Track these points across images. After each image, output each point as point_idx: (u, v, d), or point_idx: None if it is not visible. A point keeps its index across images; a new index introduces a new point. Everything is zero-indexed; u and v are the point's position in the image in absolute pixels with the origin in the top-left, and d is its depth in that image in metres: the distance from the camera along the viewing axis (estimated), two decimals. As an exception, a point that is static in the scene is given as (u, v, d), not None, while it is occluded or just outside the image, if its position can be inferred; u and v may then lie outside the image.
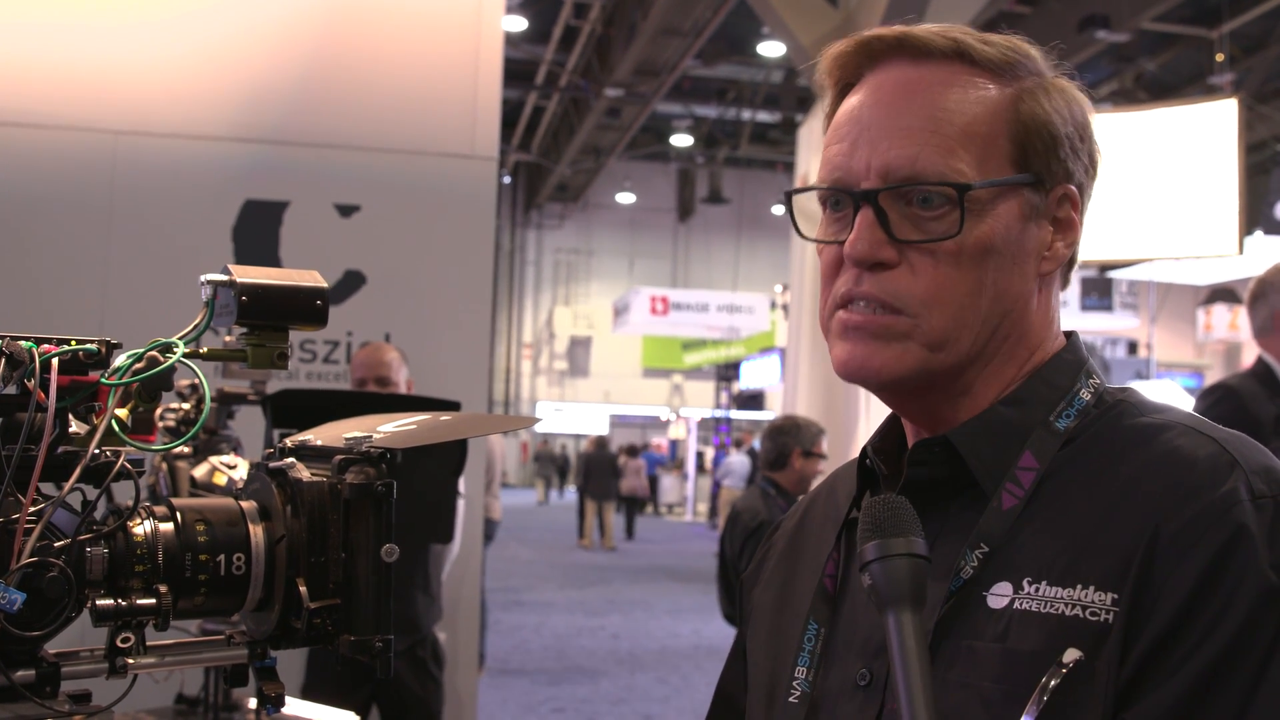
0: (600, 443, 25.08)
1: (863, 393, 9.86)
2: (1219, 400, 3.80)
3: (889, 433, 1.30)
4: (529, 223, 39.23)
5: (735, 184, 35.30)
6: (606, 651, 11.40)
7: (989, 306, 1.17)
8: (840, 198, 1.19)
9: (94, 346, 0.99)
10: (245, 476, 2.16)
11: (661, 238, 38.98)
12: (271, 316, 1.03)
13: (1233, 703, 0.99)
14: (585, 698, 9.35)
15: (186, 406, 2.43)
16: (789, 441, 5.38)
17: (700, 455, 32.13)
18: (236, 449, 2.55)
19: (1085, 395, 1.21)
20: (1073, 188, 1.21)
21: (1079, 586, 1.07)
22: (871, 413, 9.76)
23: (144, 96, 4.96)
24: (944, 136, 1.15)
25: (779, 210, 33.57)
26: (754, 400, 33.54)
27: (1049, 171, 1.19)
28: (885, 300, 1.16)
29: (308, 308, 1.04)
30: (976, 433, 1.18)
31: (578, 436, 35.94)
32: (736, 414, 33.58)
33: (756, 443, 22.94)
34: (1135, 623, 1.03)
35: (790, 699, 1.24)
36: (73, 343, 0.98)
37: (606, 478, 22.54)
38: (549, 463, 36.25)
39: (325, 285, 1.06)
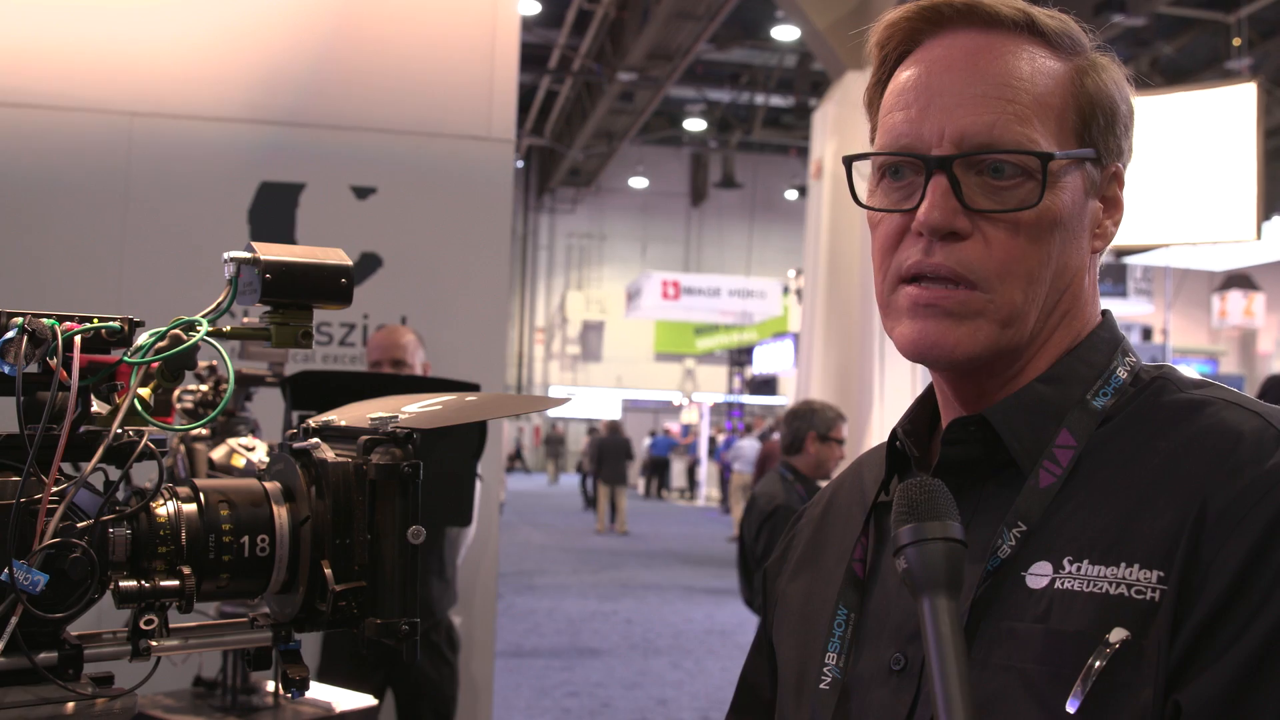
0: (613, 427, 25.09)
1: (876, 378, 9.90)
2: None
3: (919, 415, 1.28)
4: (541, 207, 39.21)
5: (748, 168, 35.23)
6: (620, 635, 11.41)
7: (1053, 281, 1.16)
8: (905, 165, 1.16)
9: (117, 324, 0.97)
10: (263, 459, 2.15)
11: (674, 222, 38.93)
12: (296, 295, 1.02)
13: None
14: (599, 681, 9.36)
15: (204, 388, 2.42)
16: (803, 426, 5.37)
17: (712, 440, 32.15)
18: (254, 431, 2.54)
19: (1122, 374, 1.20)
20: (1121, 166, 1.21)
21: (1123, 565, 1.04)
22: (885, 398, 9.73)
23: (160, 78, 4.95)
24: (1020, 105, 1.13)
25: (792, 195, 33.49)
26: (767, 385, 33.50)
27: (1107, 148, 1.18)
28: (958, 272, 1.12)
29: (332, 286, 1.03)
30: (1013, 411, 1.16)
31: (590, 420, 36.08)
32: (749, 399, 33.51)
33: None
34: (1184, 601, 1.00)
35: (821, 685, 1.22)
36: (95, 320, 0.96)
37: (620, 462, 22.55)
38: (559, 444, 36.61)
39: (350, 263, 1.05)
